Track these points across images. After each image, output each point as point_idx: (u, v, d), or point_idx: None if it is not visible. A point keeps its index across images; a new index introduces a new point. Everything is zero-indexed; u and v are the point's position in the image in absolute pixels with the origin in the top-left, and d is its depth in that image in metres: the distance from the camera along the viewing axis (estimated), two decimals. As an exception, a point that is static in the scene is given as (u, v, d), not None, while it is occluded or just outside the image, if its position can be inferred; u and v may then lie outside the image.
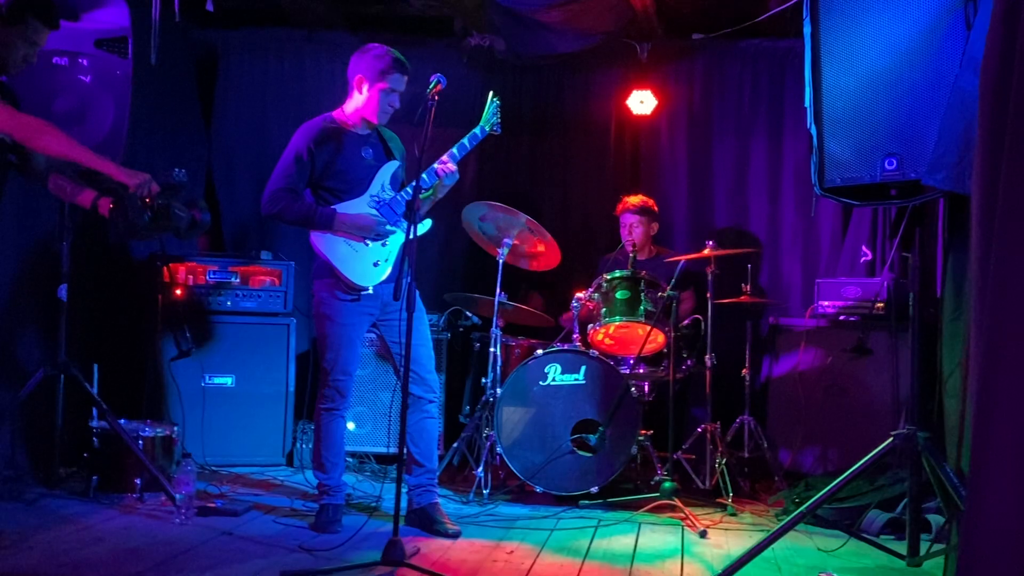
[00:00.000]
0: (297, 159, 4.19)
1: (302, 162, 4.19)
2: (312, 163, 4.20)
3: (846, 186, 3.53)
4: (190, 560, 3.63)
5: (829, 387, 5.46)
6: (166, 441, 4.84)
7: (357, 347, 4.27)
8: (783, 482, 5.24)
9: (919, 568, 3.70)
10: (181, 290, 5.58)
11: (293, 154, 4.20)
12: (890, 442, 3.57)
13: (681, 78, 6.53)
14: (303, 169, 4.19)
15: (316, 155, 4.19)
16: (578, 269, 6.02)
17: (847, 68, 3.48)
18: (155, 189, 3.89)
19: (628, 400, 4.92)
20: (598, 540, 4.23)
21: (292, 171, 4.19)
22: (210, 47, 6.55)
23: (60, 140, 3.72)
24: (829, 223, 6.23)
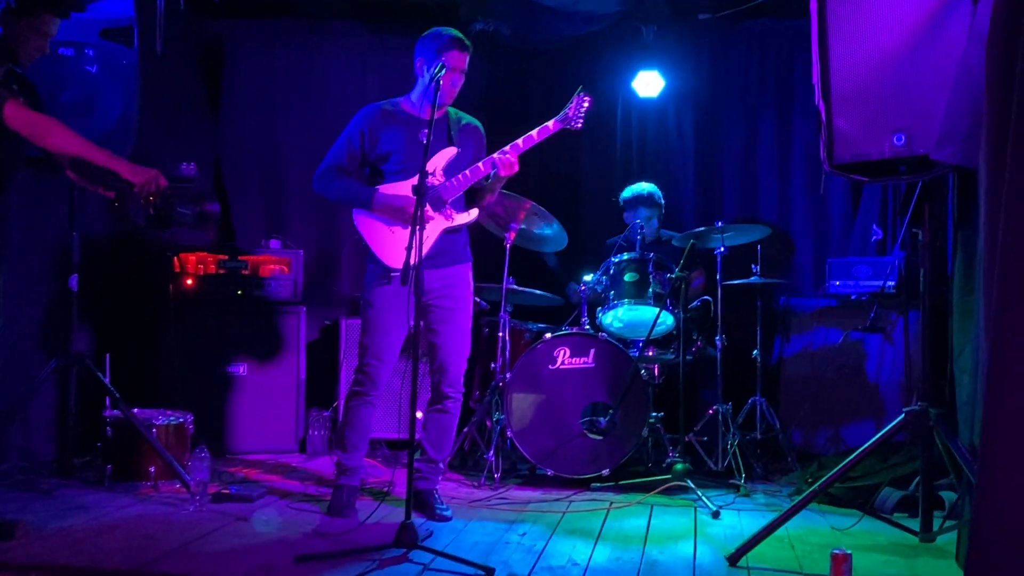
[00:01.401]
0: (348, 139, 4.26)
1: (352, 142, 4.24)
2: (363, 144, 4.23)
3: (855, 163, 3.52)
4: (205, 546, 3.65)
5: (841, 367, 5.45)
6: (179, 429, 4.86)
7: (393, 334, 4.17)
8: (795, 463, 5.24)
9: (932, 544, 3.70)
10: (192, 279, 5.59)
11: (346, 134, 4.27)
12: (902, 419, 3.57)
13: (688, 60, 6.51)
14: (352, 149, 4.24)
15: (367, 136, 4.22)
16: (586, 252, 6.01)
17: (855, 44, 3.46)
18: (163, 184, 3.89)
19: (638, 382, 4.92)
20: (610, 522, 4.24)
21: (342, 150, 4.26)
22: (217, 37, 6.55)
23: (70, 138, 3.73)
24: (839, 202, 6.21)
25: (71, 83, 4.42)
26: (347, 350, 5.77)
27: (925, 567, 3.57)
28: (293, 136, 6.53)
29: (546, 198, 5.38)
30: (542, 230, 5.39)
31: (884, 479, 4.41)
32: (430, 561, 3.47)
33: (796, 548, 3.81)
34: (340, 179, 4.23)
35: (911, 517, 4.04)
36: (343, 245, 6.40)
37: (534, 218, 5.25)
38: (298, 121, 6.53)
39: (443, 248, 4.19)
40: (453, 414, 4.34)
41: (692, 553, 3.74)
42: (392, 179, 4.20)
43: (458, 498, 4.59)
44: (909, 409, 3.58)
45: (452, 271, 4.25)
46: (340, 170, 4.25)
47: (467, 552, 3.58)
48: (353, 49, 6.58)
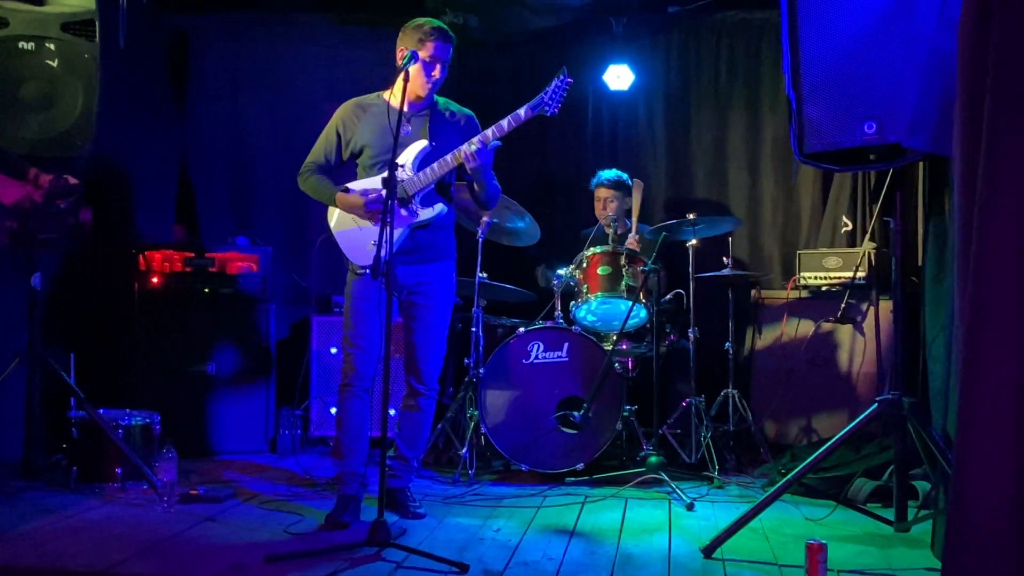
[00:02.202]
0: (326, 134, 4.23)
1: (329, 139, 4.22)
2: (339, 140, 4.20)
3: (826, 151, 3.51)
4: (174, 546, 3.59)
5: (813, 358, 5.47)
6: (146, 429, 4.79)
7: (374, 323, 4.06)
8: (768, 454, 5.24)
9: (907, 534, 3.71)
10: (157, 277, 5.52)
11: (324, 131, 4.24)
12: (875, 408, 3.56)
13: (658, 52, 6.50)
14: (329, 146, 4.21)
15: (344, 132, 4.19)
16: (558, 246, 5.98)
17: (824, 32, 3.46)
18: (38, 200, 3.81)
19: (612, 376, 4.90)
20: (585, 516, 4.21)
21: (320, 146, 4.24)
22: (181, 31, 6.46)
23: None
24: (809, 194, 6.22)
25: (31, 77, 4.33)
26: (318, 348, 5.71)
27: (900, 557, 3.56)
28: (260, 131, 6.46)
29: (518, 193, 5.37)
30: (514, 224, 5.36)
31: (857, 469, 4.41)
32: (403, 559, 3.43)
33: (771, 539, 3.80)
34: (315, 176, 4.19)
35: (885, 507, 4.04)
36: (313, 241, 6.31)
37: (506, 212, 5.22)
38: (265, 116, 6.47)
39: (419, 244, 4.13)
40: (427, 412, 4.28)
41: (667, 545, 3.73)
42: (366, 174, 4.15)
43: (432, 495, 4.55)
44: (882, 398, 3.57)
45: (429, 268, 4.19)
46: (318, 167, 4.21)
47: (441, 549, 3.55)
48: (321, 42, 6.51)
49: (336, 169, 4.26)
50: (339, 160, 4.24)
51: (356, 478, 4.10)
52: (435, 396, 4.30)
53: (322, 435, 5.69)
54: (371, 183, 4.05)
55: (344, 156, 4.22)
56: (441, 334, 4.26)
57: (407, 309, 4.21)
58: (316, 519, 4.01)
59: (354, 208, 4.05)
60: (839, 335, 5.43)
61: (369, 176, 4.12)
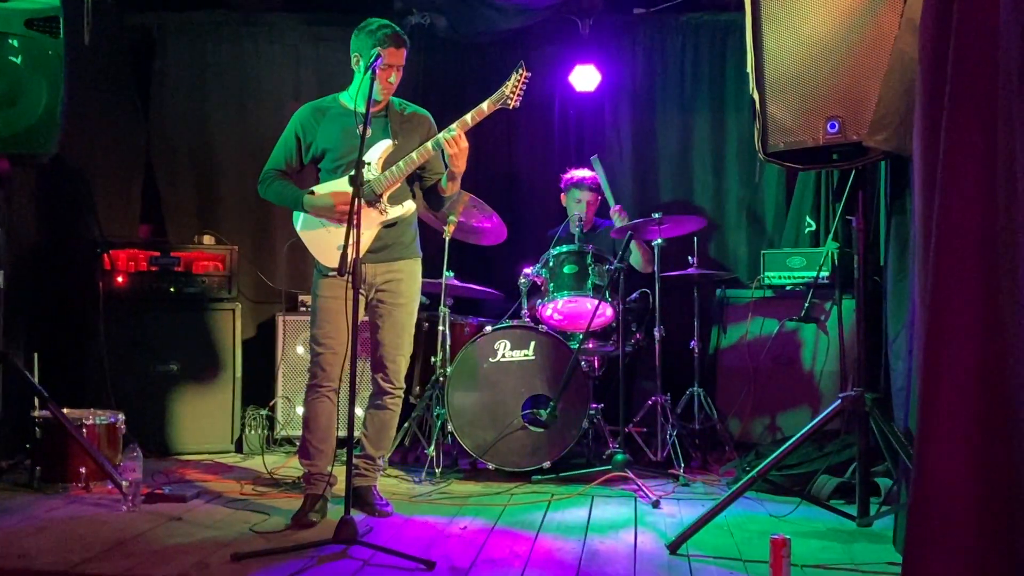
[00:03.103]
0: (285, 139, 4.21)
1: (288, 145, 4.19)
2: (299, 145, 4.17)
3: (789, 150, 3.56)
4: (138, 545, 3.56)
5: (777, 357, 5.52)
6: (111, 429, 4.75)
7: (340, 322, 4.03)
8: (734, 452, 5.29)
9: (869, 529, 3.75)
10: (122, 277, 5.48)
11: (283, 137, 4.21)
12: (838, 404, 3.60)
13: (624, 53, 6.53)
14: (289, 151, 4.19)
15: (303, 137, 4.17)
16: (525, 245, 6.00)
17: (788, 32, 3.50)
18: None
19: (578, 374, 4.92)
20: (551, 514, 4.23)
21: (280, 153, 4.21)
22: (146, 30, 6.42)
23: None
24: (773, 194, 6.28)
25: (-6, 74, 4.29)
26: (284, 347, 5.69)
27: (862, 552, 3.61)
28: (226, 129, 6.44)
29: (485, 193, 5.37)
30: (481, 223, 5.36)
31: (821, 466, 4.46)
32: (370, 556, 3.43)
33: (735, 535, 3.84)
34: (277, 182, 4.18)
35: (848, 503, 4.09)
36: (279, 240, 6.30)
37: (473, 211, 5.23)
38: (231, 114, 6.44)
39: (387, 242, 4.13)
40: (393, 411, 4.27)
41: (633, 542, 3.75)
42: (328, 177, 4.14)
43: (399, 494, 4.55)
44: (845, 395, 3.62)
45: (397, 266, 4.19)
46: (279, 173, 4.19)
47: (408, 546, 3.55)
48: (286, 41, 6.49)
49: (297, 174, 4.24)
50: (300, 165, 4.22)
51: (323, 478, 4.08)
52: (402, 395, 4.29)
53: (288, 435, 5.67)
54: (337, 185, 4.04)
55: (305, 160, 4.20)
56: (408, 333, 4.26)
57: (374, 307, 4.20)
58: (283, 518, 3.98)
59: (325, 210, 4.04)
60: (803, 334, 5.49)
61: (332, 179, 4.10)
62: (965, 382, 2.46)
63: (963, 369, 2.47)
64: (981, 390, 2.45)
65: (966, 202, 2.45)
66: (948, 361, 2.48)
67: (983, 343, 2.45)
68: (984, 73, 2.47)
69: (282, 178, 4.19)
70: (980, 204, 2.46)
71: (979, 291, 2.46)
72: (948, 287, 2.49)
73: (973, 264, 2.45)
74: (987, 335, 2.44)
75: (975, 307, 2.45)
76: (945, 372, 2.48)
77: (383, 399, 4.23)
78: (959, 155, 2.47)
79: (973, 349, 2.44)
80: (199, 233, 5.87)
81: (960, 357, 2.46)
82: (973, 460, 2.47)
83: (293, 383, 5.61)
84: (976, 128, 2.48)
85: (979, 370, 2.43)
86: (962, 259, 2.45)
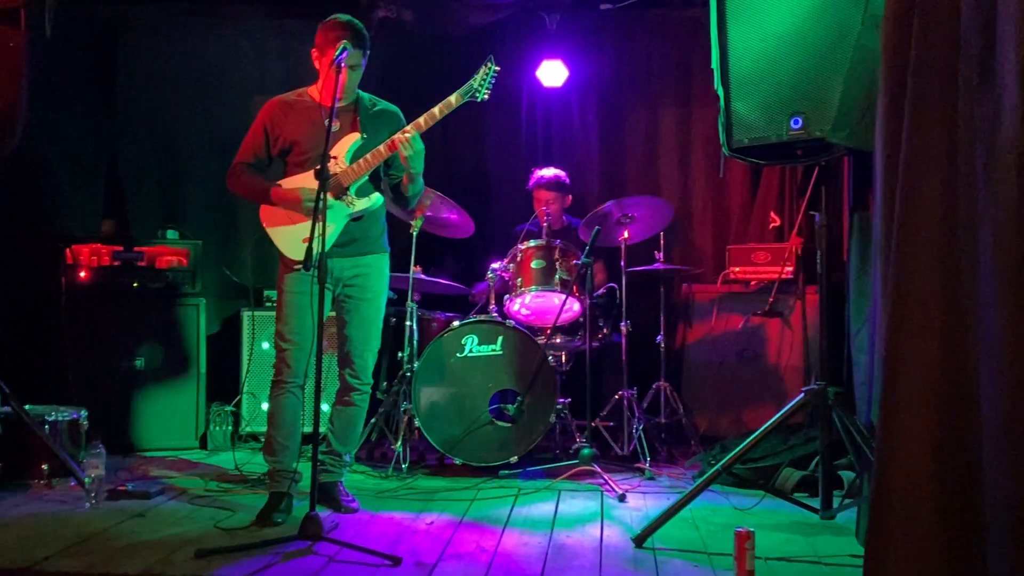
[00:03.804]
0: (253, 136, 4.17)
1: (256, 139, 4.16)
2: (267, 139, 4.15)
3: (753, 146, 3.58)
4: (101, 542, 3.54)
5: (742, 351, 5.55)
6: (73, 425, 4.71)
7: (306, 318, 3.98)
8: (699, 446, 5.32)
9: (832, 522, 3.78)
10: (85, 272, 5.42)
11: (251, 131, 4.18)
12: (801, 398, 3.63)
13: (591, 49, 6.54)
14: (257, 145, 4.16)
15: (270, 131, 4.14)
16: (493, 240, 6.00)
17: (752, 28, 3.52)
18: None
19: (545, 369, 4.93)
20: (518, 508, 4.23)
21: (248, 145, 4.18)
22: (110, 22, 6.35)
23: None
24: (738, 190, 6.32)
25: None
26: (249, 343, 5.65)
27: (825, 544, 3.64)
28: (191, 123, 6.38)
29: (453, 187, 5.37)
30: (448, 218, 5.36)
31: (785, 459, 4.50)
32: (335, 552, 3.42)
33: (700, 528, 3.86)
34: (244, 176, 4.15)
35: (812, 496, 4.11)
36: (244, 234, 6.26)
37: (440, 206, 5.22)
38: (196, 109, 6.38)
39: (354, 236, 4.11)
40: (360, 407, 4.25)
41: (599, 536, 3.76)
42: (295, 171, 4.11)
43: (365, 489, 4.53)
44: (808, 388, 3.64)
45: (364, 261, 4.17)
46: (247, 167, 4.17)
47: (374, 542, 3.54)
48: (251, 34, 6.45)
49: (265, 168, 4.22)
50: (268, 159, 4.19)
51: (288, 474, 4.06)
52: (369, 390, 4.28)
53: (254, 431, 5.64)
54: (304, 179, 4.02)
55: (273, 154, 4.18)
56: (375, 327, 4.25)
57: (341, 302, 4.18)
58: (248, 515, 3.96)
59: (292, 204, 4.02)
60: (768, 328, 5.53)
61: (299, 173, 4.09)
62: (927, 374, 2.48)
63: (924, 362, 2.50)
64: (943, 382, 2.47)
65: (927, 198, 2.47)
66: (909, 354, 2.51)
67: (944, 337, 2.48)
68: (945, 70, 2.50)
69: (250, 171, 4.16)
70: (941, 200, 2.48)
71: (940, 285, 2.49)
72: (910, 281, 2.51)
73: (934, 259, 2.47)
74: (948, 329, 2.47)
75: (937, 301, 2.48)
76: (906, 365, 2.51)
77: (350, 395, 4.21)
78: (921, 151, 2.49)
79: (935, 342, 2.47)
80: (163, 228, 5.81)
81: (921, 350, 2.49)
82: (934, 452, 2.49)
83: (258, 379, 5.57)
84: (937, 124, 2.50)
85: (940, 363, 2.46)
86: (923, 253, 2.48)
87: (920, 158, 2.50)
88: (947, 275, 2.47)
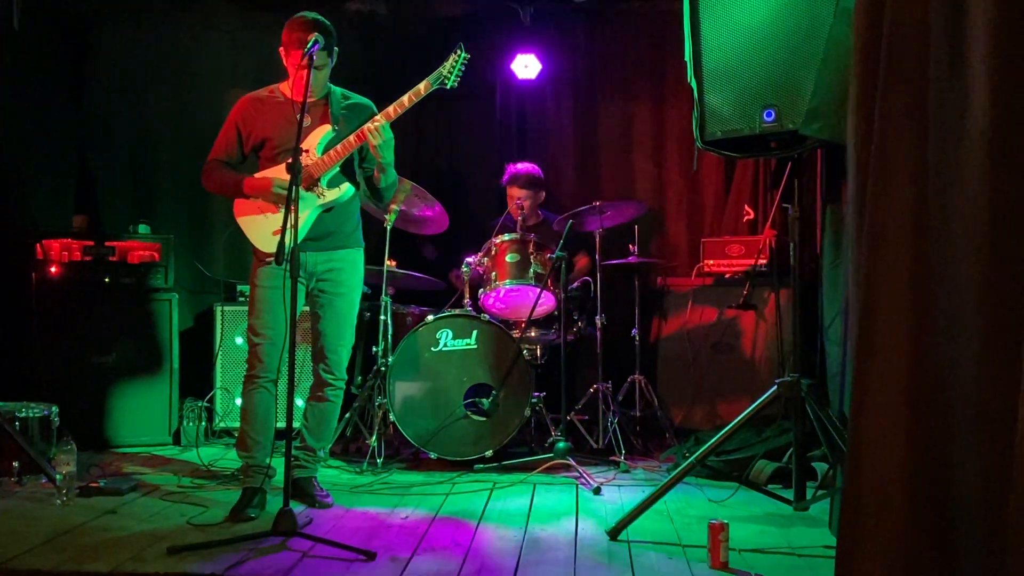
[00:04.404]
0: (225, 133, 4.17)
1: (228, 136, 4.16)
2: (239, 136, 4.14)
3: (726, 139, 3.58)
4: (73, 539, 3.50)
5: (717, 344, 5.56)
6: (44, 422, 4.66)
7: (279, 312, 3.95)
8: (674, 438, 5.33)
9: (806, 513, 3.80)
10: (56, 267, 5.37)
11: (224, 128, 4.17)
12: (774, 390, 3.64)
13: (565, 42, 6.54)
14: (230, 142, 4.15)
15: (243, 127, 4.13)
16: (468, 234, 5.98)
17: (725, 21, 3.53)
18: None
19: (520, 363, 4.92)
20: (493, 502, 4.23)
21: (220, 143, 4.18)
22: (79, 15, 6.28)
23: None
24: (712, 183, 6.33)
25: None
26: (222, 337, 5.62)
27: (799, 535, 3.66)
28: (162, 117, 6.33)
29: (427, 181, 5.35)
30: (423, 211, 5.34)
31: (759, 451, 4.51)
32: (309, 548, 3.40)
33: (675, 520, 3.87)
34: (218, 171, 4.14)
35: (785, 488, 4.13)
36: (216, 228, 6.22)
37: (414, 199, 5.20)
38: (167, 102, 6.33)
39: (328, 229, 4.10)
40: (334, 402, 4.24)
41: (574, 529, 3.76)
42: (267, 165, 4.10)
43: (340, 484, 4.52)
44: (781, 380, 3.65)
45: (339, 255, 4.16)
46: (220, 163, 4.16)
47: (348, 537, 3.53)
48: (223, 28, 6.40)
49: (239, 165, 4.20)
50: (241, 155, 4.18)
51: (262, 470, 4.04)
52: (343, 385, 4.26)
53: (227, 426, 5.61)
54: (276, 172, 4.00)
55: (246, 150, 4.17)
56: (350, 322, 4.23)
57: (315, 297, 4.17)
58: (221, 511, 3.93)
59: (262, 192, 4.00)
60: (742, 321, 5.54)
61: (272, 166, 4.07)
62: (898, 366, 2.49)
63: (896, 353, 2.50)
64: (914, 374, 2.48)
65: (898, 189, 2.48)
66: (881, 345, 2.51)
67: (916, 328, 2.48)
68: (916, 62, 2.50)
69: (223, 168, 4.15)
70: (912, 191, 2.49)
71: (912, 276, 2.49)
72: (881, 271, 2.52)
73: (905, 249, 2.48)
74: (920, 320, 2.48)
75: (908, 292, 2.48)
76: (877, 356, 2.51)
77: (324, 390, 4.20)
78: (891, 143, 2.50)
79: (906, 334, 2.47)
80: (135, 222, 5.76)
81: (893, 341, 2.49)
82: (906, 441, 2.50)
83: (232, 374, 5.54)
84: (908, 116, 2.51)
85: (912, 354, 2.47)
86: (894, 244, 2.48)
87: (891, 149, 2.50)
88: (918, 266, 2.48)
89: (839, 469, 3.54)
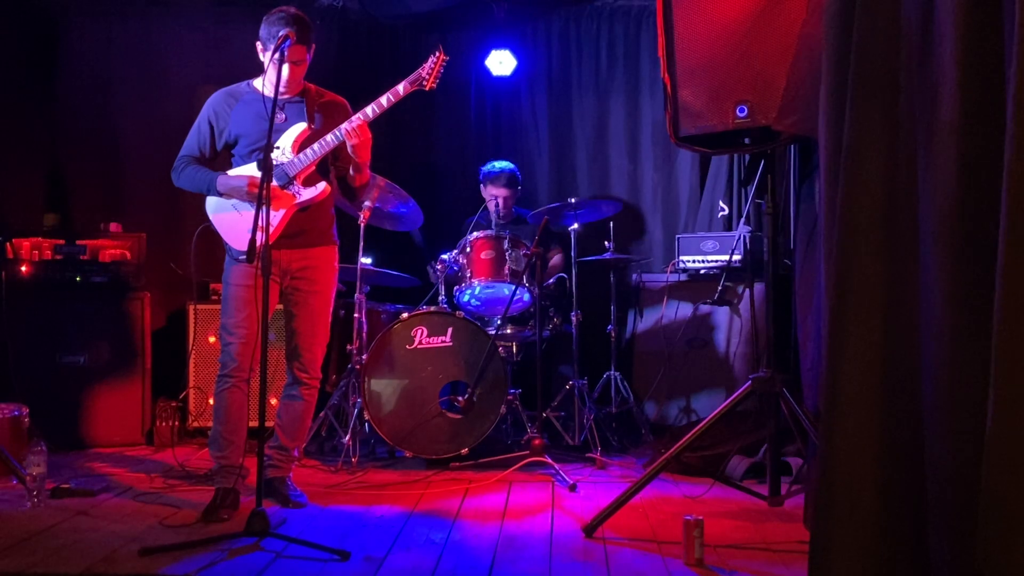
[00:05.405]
0: (198, 129, 4.13)
1: (201, 132, 4.12)
2: (212, 132, 4.10)
3: (700, 135, 3.58)
4: (44, 541, 3.47)
5: (692, 340, 5.57)
6: (15, 422, 4.62)
7: (252, 310, 3.92)
8: (650, 435, 5.34)
9: (780, 508, 3.81)
10: (26, 266, 5.32)
11: (196, 124, 4.14)
12: (748, 386, 3.64)
13: (539, 38, 6.54)
14: (202, 139, 4.11)
15: (215, 123, 4.09)
16: (443, 230, 5.97)
17: (698, 17, 3.52)
18: None
19: (496, 360, 4.91)
20: (469, 500, 4.22)
21: (193, 141, 4.14)
22: (48, 12, 6.22)
23: None
24: (687, 179, 6.34)
25: None
26: (195, 336, 5.57)
27: (774, 530, 3.67)
28: (133, 114, 6.28)
29: (401, 178, 5.32)
30: (397, 209, 5.32)
31: (734, 447, 4.52)
32: (283, 548, 3.38)
33: (650, 517, 3.87)
34: (190, 168, 4.09)
35: (760, 483, 4.14)
36: (189, 227, 6.14)
37: (388, 196, 5.18)
38: (139, 99, 6.28)
39: (302, 227, 4.06)
40: (308, 401, 4.21)
41: (550, 527, 3.75)
42: (241, 163, 4.06)
43: (314, 484, 4.48)
44: (755, 376, 3.66)
45: (312, 252, 4.13)
46: (192, 160, 4.12)
47: (322, 537, 3.51)
48: (195, 24, 6.34)
49: (211, 161, 4.16)
50: (213, 152, 4.14)
51: (234, 470, 4.00)
52: (317, 384, 4.23)
53: (201, 426, 5.56)
54: (249, 169, 3.97)
55: (219, 147, 4.13)
56: (324, 321, 4.20)
57: (289, 295, 4.14)
58: (194, 511, 3.90)
59: (236, 190, 3.97)
60: (717, 317, 5.55)
61: (245, 164, 4.04)
62: (870, 358, 2.49)
63: (867, 345, 2.51)
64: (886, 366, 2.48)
65: (869, 183, 2.48)
66: (852, 338, 2.52)
67: (887, 320, 2.49)
68: (886, 58, 2.51)
69: (195, 164, 4.11)
70: (882, 187, 2.49)
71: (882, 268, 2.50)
72: (852, 265, 2.52)
73: (876, 244, 2.48)
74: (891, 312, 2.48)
75: (879, 285, 2.49)
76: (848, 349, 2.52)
77: (298, 389, 4.17)
78: (862, 139, 2.50)
79: (877, 326, 2.48)
80: (106, 221, 5.70)
81: (864, 334, 2.50)
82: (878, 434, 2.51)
83: (205, 373, 5.50)
84: (878, 113, 2.51)
85: (883, 346, 2.47)
86: (865, 238, 2.49)
87: (862, 143, 2.50)
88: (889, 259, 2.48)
89: (813, 464, 3.55)
